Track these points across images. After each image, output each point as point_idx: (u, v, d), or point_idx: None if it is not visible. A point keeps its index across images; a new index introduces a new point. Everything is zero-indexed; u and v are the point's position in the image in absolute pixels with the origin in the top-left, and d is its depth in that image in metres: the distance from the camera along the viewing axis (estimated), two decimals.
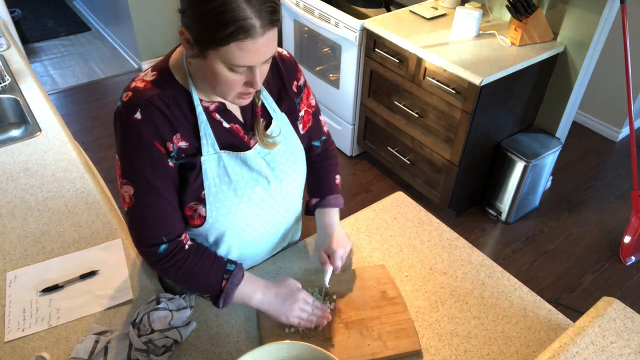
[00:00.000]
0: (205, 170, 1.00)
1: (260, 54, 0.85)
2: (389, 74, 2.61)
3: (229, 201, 1.05)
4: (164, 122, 0.93)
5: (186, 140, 0.97)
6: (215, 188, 1.02)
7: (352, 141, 3.13)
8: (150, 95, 0.92)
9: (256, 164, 1.06)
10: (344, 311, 1.17)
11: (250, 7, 0.79)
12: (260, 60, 0.86)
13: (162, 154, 0.94)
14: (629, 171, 3.16)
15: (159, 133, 0.93)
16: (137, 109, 0.91)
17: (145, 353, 1.04)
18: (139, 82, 0.95)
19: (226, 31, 0.80)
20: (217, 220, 1.06)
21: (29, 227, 1.40)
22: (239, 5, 0.79)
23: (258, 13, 0.80)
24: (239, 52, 0.82)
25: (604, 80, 3.29)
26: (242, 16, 0.79)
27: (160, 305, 1.11)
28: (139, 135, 0.92)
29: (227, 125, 1.02)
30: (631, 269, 2.54)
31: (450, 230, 1.41)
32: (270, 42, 0.85)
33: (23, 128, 1.93)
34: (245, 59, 0.84)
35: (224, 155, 1.01)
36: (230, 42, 0.81)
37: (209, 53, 0.84)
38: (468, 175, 2.59)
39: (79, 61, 4.26)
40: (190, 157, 0.98)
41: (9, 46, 2.29)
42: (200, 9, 0.80)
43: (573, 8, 2.28)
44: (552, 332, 1.15)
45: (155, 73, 0.96)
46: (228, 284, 1.03)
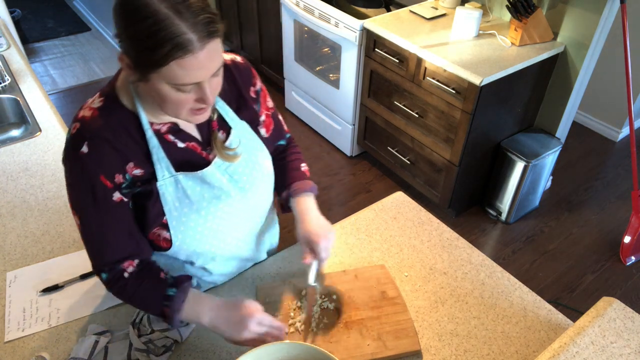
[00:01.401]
0: (163, 195, 0.97)
1: (203, 68, 0.81)
2: (389, 74, 2.61)
3: (193, 222, 1.02)
4: (112, 153, 0.90)
5: (140, 167, 0.94)
6: (176, 212, 0.99)
7: (352, 141, 3.13)
8: (97, 126, 0.89)
9: (216, 180, 1.02)
10: (344, 311, 1.17)
11: (183, 22, 0.76)
12: (205, 76, 0.82)
13: (106, 188, 0.92)
14: (629, 171, 3.16)
15: (105, 166, 0.90)
16: (83, 142, 0.89)
17: (145, 353, 1.04)
18: (86, 110, 0.92)
19: (162, 50, 0.76)
20: (184, 242, 1.04)
21: (29, 227, 1.40)
22: (172, 22, 0.75)
23: (193, 27, 0.76)
24: (181, 70, 0.79)
25: (604, 80, 3.29)
26: (176, 32, 0.75)
27: None
28: (83, 169, 0.90)
29: (183, 144, 0.99)
30: (631, 269, 2.54)
31: (450, 230, 1.41)
32: (213, 55, 0.81)
33: (23, 128, 1.93)
34: (188, 76, 0.80)
35: (180, 177, 0.98)
36: (169, 61, 0.77)
37: (150, 76, 0.80)
38: (468, 175, 2.59)
39: (79, 61, 4.26)
40: (145, 183, 0.96)
41: (9, 46, 2.29)
42: (132, 32, 0.77)
43: (573, 8, 2.28)
44: (552, 332, 1.15)
45: (102, 99, 0.92)
46: (169, 311, 0.98)
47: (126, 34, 0.79)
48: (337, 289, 1.22)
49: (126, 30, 0.79)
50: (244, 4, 3.59)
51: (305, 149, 3.29)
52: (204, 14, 0.78)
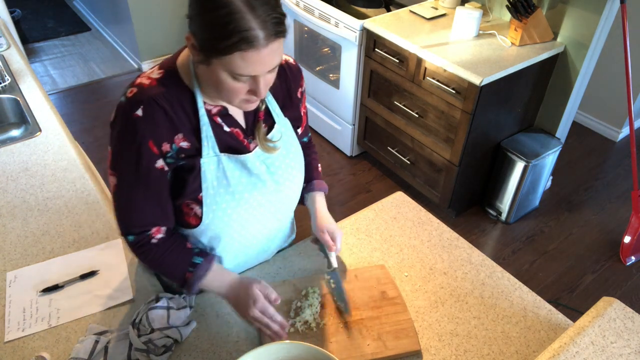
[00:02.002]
0: (204, 173, 1.00)
1: (263, 64, 0.85)
2: (389, 74, 2.61)
3: (225, 204, 1.05)
4: (165, 121, 0.94)
5: (187, 140, 0.98)
6: (212, 190, 1.02)
7: (352, 141, 3.13)
8: (155, 93, 0.93)
9: (255, 168, 1.06)
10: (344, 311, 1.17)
11: (255, 18, 0.80)
12: (263, 71, 0.87)
13: (152, 154, 0.94)
14: (629, 171, 3.16)
15: (156, 133, 0.93)
16: (139, 106, 0.91)
17: (145, 353, 1.04)
18: (144, 78, 0.95)
19: (229, 41, 0.80)
20: (212, 222, 1.06)
21: (29, 227, 1.40)
22: (244, 16, 0.79)
23: (263, 24, 0.80)
24: (242, 62, 0.83)
25: (604, 80, 3.29)
26: (246, 27, 0.79)
27: (158, 303, 1.11)
28: (134, 131, 0.92)
29: (228, 129, 1.02)
30: (631, 269, 2.54)
31: (450, 230, 1.41)
32: (275, 53, 0.85)
33: (23, 128, 1.93)
34: (247, 68, 0.84)
35: (223, 158, 1.01)
36: (233, 52, 0.81)
37: (212, 61, 0.85)
38: (468, 175, 2.59)
39: (79, 61, 4.26)
40: (190, 158, 0.99)
41: (9, 46, 2.29)
42: (206, 18, 0.81)
43: (573, 8, 2.28)
44: (552, 332, 1.15)
45: (162, 72, 0.96)
46: (192, 277, 1.05)
47: (199, 18, 0.83)
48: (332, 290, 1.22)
49: (199, 15, 0.82)
50: None
51: None
52: (275, 14, 0.82)
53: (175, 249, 1.06)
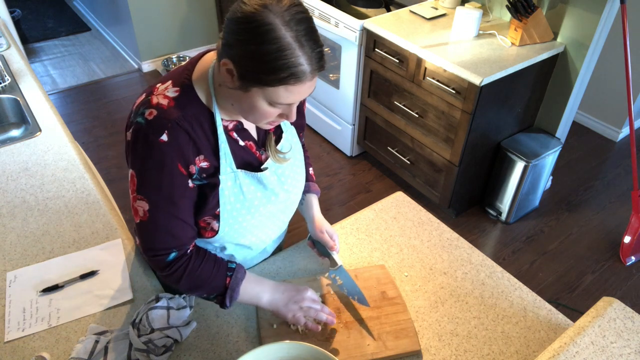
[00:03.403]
0: (222, 190, 1.01)
1: (303, 94, 0.87)
2: (389, 74, 2.61)
3: (241, 217, 1.07)
4: (189, 144, 0.93)
5: (207, 161, 0.97)
6: (230, 206, 1.03)
7: (352, 141, 3.13)
8: (177, 116, 0.91)
9: (270, 183, 1.07)
10: (344, 311, 1.17)
11: (303, 54, 0.81)
12: (301, 99, 0.89)
13: (183, 175, 0.94)
14: (629, 171, 3.16)
15: (183, 156, 0.93)
16: (164, 131, 0.89)
17: (145, 353, 1.04)
18: (160, 97, 0.92)
19: (278, 76, 0.81)
20: (227, 234, 1.08)
21: (29, 227, 1.40)
22: (294, 52, 0.80)
23: (309, 59, 0.82)
24: (286, 93, 0.85)
25: (604, 80, 3.29)
26: (295, 63, 0.80)
27: (158, 303, 1.11)
28: (163, 157, 0.91)
29: (243, 143, 1.03)
30: (631, 269, 2.54)
31: (450, 230, 1.41)
32: (314, 83, 0.88)
33: (23, 128, 1.93)
34: (289, 99, 0.86)
35: (240, 175, 1.02)
36: (280, 85, 0.83)
37: (252, 89, 0.85)
38: (468, 175, 2.59)
39: (79, 61, 4.26)
40: (210, 177, 0.99)
41: (9, 46, 2.29)
42: (253, 50, 0.80)
43: (573, 8, 2.28)
44: (552, 332, 1.15)
45: (178, 89, 0.93)
46: (232, 280, 1.04)
47: (243, 49, 0.82)
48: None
49: (244, 46, 0.81)
50: None
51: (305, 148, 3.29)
52: (319, 48, 0.83)
53: (208, 259, 1.05)
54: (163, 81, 0.96)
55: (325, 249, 1.24)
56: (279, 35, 0.79)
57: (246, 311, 1.18)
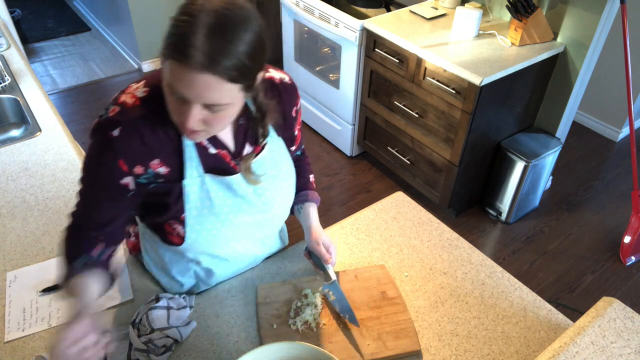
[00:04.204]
0: (187, 194, 0.98)
1: (193, 90, 0.79)
2: (389, 74, 2.61)
3: (210, 225, 1.03)
4: (141, 147, 0.91)
5: (167, 165, 0.95)
6: (196, 211, 1.00)
7: (352, 141, 3.13)
8: (135, 116, 0.90)
9: (241, 189, 1.03)
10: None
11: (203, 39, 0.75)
12: (193, 96, 0.80)
13: (121, 171, 0.92)
14: (629, 171, 3.16)
15: (130, 154, 0.91)
16: (117, 127, 0.89)
17: (145, 353, 1.04)
18: (128, 97, 0.92)
19: (167, 41, 0.78)
20: (195, 241, 1.05)
21: (29, 227, 1.40)
22: (194, 30, 0.75)
23: (206, 49, 0.75)
24: (170, 72, 0.79)
25: (604, 80, 3.29)
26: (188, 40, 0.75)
27: (158, 303, 1.11)
28: (108, 149, 0.90)
29: (214, 150, 1.00)
30: (631, 269, 2.54)
31: (450, 230, 1.41)
32: (210, 88, 0.78)
33: (23, 128, 1.93)
34: (173, 80, 0.79)
35: (207, 179, 0.99)
36: (167, 57, 0.78)
37: (164, 64, 0.81)
38: (468, 175, 2.59)
39: (79, 61, 4.26)
40: (169, 182, 0.97)
41: (9, 46, 2.29)
42: (172, 20, 0.79)
43: (573, 8, 2.28)
44: (552, 332, 1.15)
45: (147, 90, 0.93)
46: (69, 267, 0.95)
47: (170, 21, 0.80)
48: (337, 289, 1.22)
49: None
50: None
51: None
52: (226, 53, 0.76)
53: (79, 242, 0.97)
54: (139, 80, 0.96)
55: (319, 263, 1.19)
56: (195, 12, 0.76)
57: (246, 311, 1.18)
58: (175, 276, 1.19)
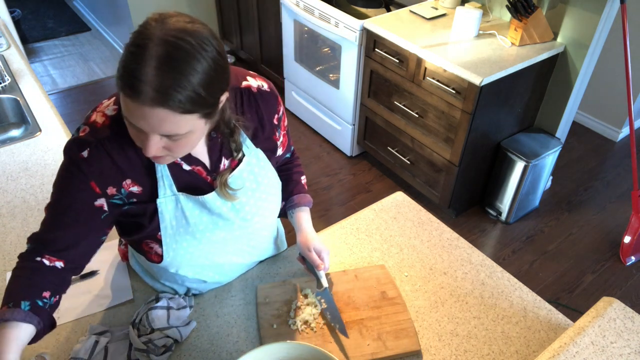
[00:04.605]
0: (161, 213, 0.97)
1: (147, 123, 0.76)
2: (389, 74, 2.61)
3: (186, 243, 1.02)
4: (111, 168, 0.90)
5: (139, 185, 0.94)
6: (172, 230, 1.00)
7: (352, 141, 3.13)
8: (104, 136, 0.88)
9: (216, 207, 1.01)
10: (344, 311, 1.17)
11: (152, 72, 0.72)
12: (148, 129, 0.78)
13: (94, 192, 0.91)
14: (629, 171, 3.16)
15: (100, 175, 0.90)
16: (85, 148, 0.88)
17: (145, 353, 1.04)
18: (99, 115, 0.91)
19: (118, 74, 0.75)
20: (174, 260, 1.04)
21: (29, 227, 1.40)
22: (143, 63, 0.72)
23: (156, 84, 0.72)
24: (125, 105, 0.76)
25: (604, 80, 3.29)
26: (137, 73, 0.72)
27: (158, 303, 1.11)
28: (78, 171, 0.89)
29: (188, 167, 0.98)
30: (631, 269, 2.54)
31: (450, 230, 1.41)
32: (165, 121, 0.76)
33: (23, 128, 1.93)
34: (131, 117, 0.77)
35: (181, 198, 0.97)
36: (119, 90, 0.76)
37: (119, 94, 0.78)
38: (468, 175, 2.59)
39: (79, 61, 4.26)
40: (142, 202, 0.95)
41: (9, 46, 2.29)
42: (125, 46, 0.76)
43: (573, 8, 2.28)
44: (552, 332, 1.15)
45: (117, 108, 0.91)
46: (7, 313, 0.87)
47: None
48: (337, 289, 1.22)
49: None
50: (244, 4, 3.59)
51: (305, 149, 3.29)
52: (187, 91, 0.74)
53: (29, 280, 0.91)
54: (110, 96, 0.94)
55: (312, 268, 1.17)
56: (144, 44, 0.72)
57: (246, 311, 1.18)
58: (165, 283, 1.19)
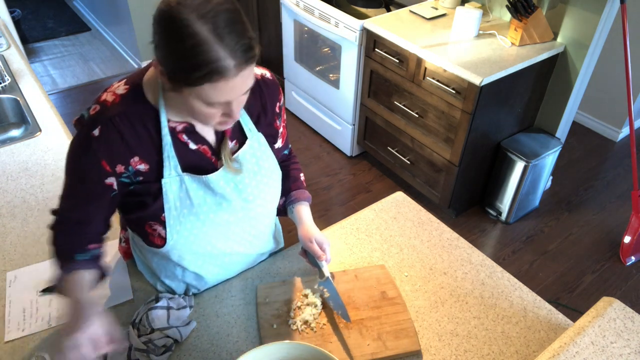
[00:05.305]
0: (166, 193, 0.98)
1: (235, 91, 0.83)
2: (389, 74, 2.61)
3: (190, 224, 1.03)
4: (121, 145, 0.91)
5: (146, 163, 0.95)
6: (175, 211, 1.00)
7: (352, 141, 3.13)
8: (114, 114, 0.90)
9: (220, 187, 1.02)
10: None
11: (223, 48, 0.76)
12: (236, 96, 0.84)
13: (105, 171, 0.92)
14: (629, 171, 3.16)
15: (110, 154, 0.91)
16: (97, 126, 0.89)
17: (145, 353, 1.04)
18: (110, 95, 0.93)
19: (198, 73, 0.77)
20: (177, 242, 1.04)
21: (29, 227, 1.40)
22: (212, 47, 0.75)
23: (232, 53, 0.77)
24: (213, 91, 0.80)
25: (604, 80, 3.29)
26: (214, 58, 0.76)
27: (158, 303, 1.11)
28: (89, 149, 0.90)
29: (195, 146, 0.99)
30: (631, 269, 2.54)
31: (450, 230, 1.41)
32: (247, 78, 0.83)
33: (23, 128, 1.93)
34: (220, 96, 0.82)
35: (186, 178, 0.98)
36: (204, 83, 0.79)
37: (183, 89, 0.82)
38: (468, 175, 2.59)
39: (79, 61, 4.26)
40: (147, 181, 0.97)
41: (9, 46, 2.29)
42: (172, 49, 0.78)
43: (573, 8, 2.28)
44: (552, 332, 1.15)
45: (127, 87, 0.93)
46: (65, 266, 0.98)
47: (164, 49, 0.80)
48: (337, 289, 1.22)
49: (164, 45, 0.79)
50: (244, 4, 3.59)
51: (305, 149, 3.29)
52: (244, 40, 0.79)
53: (71, 238, 0.99)
54: (121, 79, 0.96)
55: (314, 260, 1.19)
56: (194, 31, 0.75)
57: (246, 311, 1.18)
58: (164, 281, 1.19)
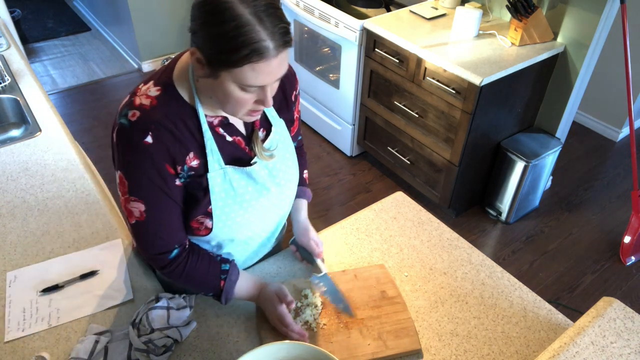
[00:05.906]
0: (212, 187, 1.01)
1: (273, 74, 0.86)
2: (389, 74, 2.61)
3: (234, 213, 1.07)
4: (175, 144, 0.93)
5: (198, 158, 0.98)
6: (221, 202, 1.03)
7: (352, 141, 3.13)
8: (160, 116, 0.91)
9: (260, 177, 1.07)
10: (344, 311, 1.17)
11: (264, 30, 0.80)
12: (272, 80, 0.87)
13: (171, 175, 0.95)
14: (629, 171, 3.16)
15: (170, 155, 0.93)
16: (148, 133, 0.90)
17: (145, 353, 1.04)
18: (143, 98, 0.92)
19: (240, 54, 0.80)
20: (221, 231, 1.08)
21: (29, 227, 1.40)
22: (253, 28, 0.79)
23: (272, 35, 0.81)
24: (253, 73, 0.83)
25: (604, 80, 3.29)
26: (256, 39, 0.79)
27: (158, 303, 1.11)
28: (151, 158, 0.91)
29: (230, 138, 1.02)
30: (631, 269, 2.54)
31: (450, 230, 1.41)
32: (283, 62, 0.86)
33: (23, 128, 1.93)
34: (258, 79, 0.85)
35: (229, 170, 1.02)
36: (245, 64, 0.81)
37: (221, 74, 0.84)
38: (468, 175, 2.59)
39: (79, 61, 4.26)
40: (198, 176, 0.99)
41: (9, 46, 2.29)
42: (213, 31, 0.80)
43: (573, 8, 2.28)
44: (552, 332, 1.15)
45: (160, 88, 0.93)
46: (226, 283, 1.08)
47: (205, 32, 0.82)
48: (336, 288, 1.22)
49: (205, 29, 0.82)
50: None
51: (305, 148, 3.28)
52: (282, 24, 0.82)
53: (203, 258, 1.08)
54: (145, 82, 0.96)
55: (308, 255, 1.26)
56: (236, 13, 0.78)
57: (246, 311, 1.18)
58: None
